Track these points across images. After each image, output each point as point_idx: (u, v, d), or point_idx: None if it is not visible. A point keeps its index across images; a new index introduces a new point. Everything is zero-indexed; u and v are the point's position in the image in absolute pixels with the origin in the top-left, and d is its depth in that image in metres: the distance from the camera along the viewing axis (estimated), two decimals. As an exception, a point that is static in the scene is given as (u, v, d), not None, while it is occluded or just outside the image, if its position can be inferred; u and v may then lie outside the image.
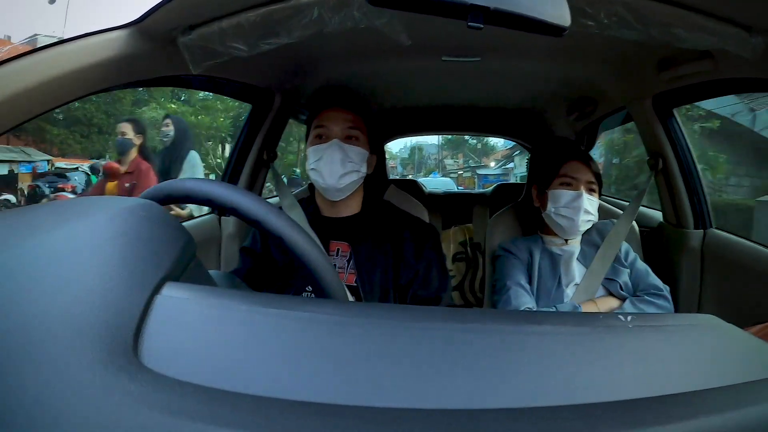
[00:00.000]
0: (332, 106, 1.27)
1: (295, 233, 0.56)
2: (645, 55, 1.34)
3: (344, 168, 1.21)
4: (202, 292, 0.39)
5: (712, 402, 0.33)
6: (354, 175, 1.24)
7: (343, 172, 1.21)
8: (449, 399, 0.32)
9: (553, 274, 1.40)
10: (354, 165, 1.23)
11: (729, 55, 0.85)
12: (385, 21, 0.82)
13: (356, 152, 1.23)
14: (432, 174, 25.30)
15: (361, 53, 1.43)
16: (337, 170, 1.20)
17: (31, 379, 0.28)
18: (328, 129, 1.24)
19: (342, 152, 1.21)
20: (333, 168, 1.20)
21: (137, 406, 0.28)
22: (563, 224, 1.36)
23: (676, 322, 0.44)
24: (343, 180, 1.21)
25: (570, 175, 1.37)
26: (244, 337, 0.36)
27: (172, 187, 0.58)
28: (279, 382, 0.32)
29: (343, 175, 1.21)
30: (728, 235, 1.59)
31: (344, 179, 1.22)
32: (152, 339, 0.33)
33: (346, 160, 1.21)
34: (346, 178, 1.22)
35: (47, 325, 0.30)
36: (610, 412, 0.32)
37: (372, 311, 0.43)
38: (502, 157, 25.56)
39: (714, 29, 0.82)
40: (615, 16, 0.80)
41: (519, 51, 1.38)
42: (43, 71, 0.75)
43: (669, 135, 1.60)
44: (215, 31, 0.88)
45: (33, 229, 0.37)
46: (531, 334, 0.40)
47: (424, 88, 1.99)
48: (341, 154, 1.21)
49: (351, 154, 1.22)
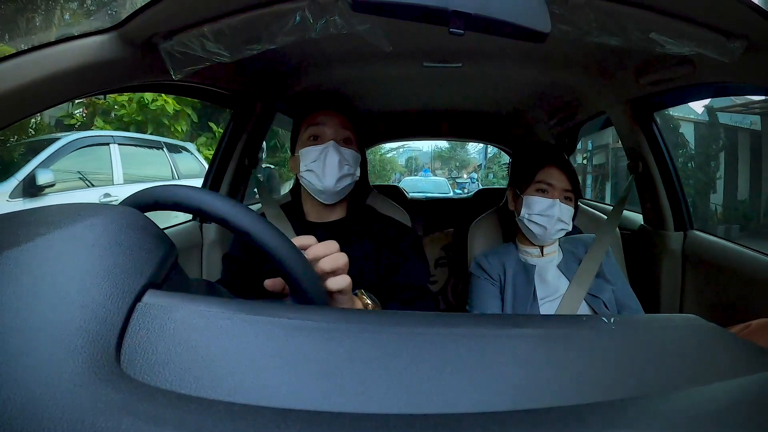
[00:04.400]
0: (326, 108, 1.25)
1: (263, 228, 0.55)
2: (624, 61, 1.36)
3: (341, 170, 1.19)
4: (183, 299, 0.39)
5: (696, 400, 0.34)
6: (349, 179, 1.22)
7: (341, 175, 1.19)
8: (434, 404, 0.32)
9: (528, 287, 1.37)
10: (350, 168, 1.21)
11: (708, 59, 0.86)
12: (367, 27, 0.83)
13: (352, 155, 1.22)
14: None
15: (342, 59, 1.43)
16: (335, 172, 1.18)
17: (13, 389, 0.27)
18: (322, 130, 1.22)
19: (339, 154, 1.19)
20: (331, 170, 1.18)
21: (119, 416, 0.27)
22: (535, 231, 1.35)
23: (659, 323, 0.45)
24: (340, 183, 1.20)
25: (546, 181, 1.34)
26: (227, 344, 0.35)
27: (146, 195, 0.57)
28: (262, 390, 0.32)
29: (340, 177, 1.19)
30: (708, 237, 1.61)
31: (341, 182, 1.20)
32: (134, 347, 0.33)
33: (344, 162, 1.20)
34: (343, 180, 1.21)
35: (28, 334, 0.30)
36: (595, 413, 0.32)
37: (355, 317, 0.42)
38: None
39: (693, 35, 0.83)
40: (594, 22, 0.81)
41: (500, 57, 1.39)
42: (19, 76, 0.74)
43: (648, 138, 1.62)
44: (196, 37, 0.87)
45: (11, 239, 0.36)
46: (515, 337, 0.40)
47: (405, 94, 1.99)
48: (339, 156, 1.19)
49: (347, 157, 1.21)
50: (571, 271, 1.39)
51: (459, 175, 28.38)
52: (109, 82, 0.90)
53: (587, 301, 1.34)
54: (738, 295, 1.40)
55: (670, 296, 1.67)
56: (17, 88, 0.74)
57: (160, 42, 0.88)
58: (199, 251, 1.72)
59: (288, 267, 0.56)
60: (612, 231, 1.48)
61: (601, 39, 0.84)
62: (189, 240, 1.68)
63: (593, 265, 1.38)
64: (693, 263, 1.63)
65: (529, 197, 1.35)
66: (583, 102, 1.84)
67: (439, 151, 32.47)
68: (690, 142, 9.88)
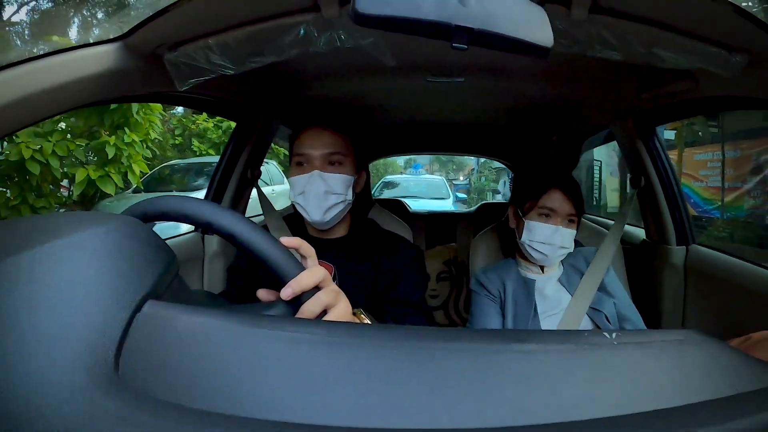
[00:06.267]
0: (312, 125, 1.21)
1: (242, 225, 0.56)
2: (626, 75, 1.36)
3: (328, 201, 1.16)
4: (183, 310, 0.38)
5: (697, 416, 0.34)
6: (340, 206, 1.19)
7: (328, 206, 1.16)
8: (435, 419, 0.32)
9: (528, 303, 1.35)
10: (338, 196, 1.18)
11: (709, 74, 0.86)
12: (370, 41, 0.83)
13: (339, 180, 1.17)
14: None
15: (346, 73, 1.44)
16: (321, 205, 1.15)
17: (12, 397, 0.27)
18: (307, 156, 1.18)
19: (324, 184, 1.15)
20: (317, 203, 1.15)
21: (117, 425, 0.27)
22: (536, 257, 1.34)
23: (661, 338, 0.45)
24: (328, 213, 1.17)
25: (549, 206, 1.32)
26: (226, 356, 0.35)
27: (152, 205, 0.57)
28: (261, 403, 0.32)
29: (328, 208, 1.16)
30: (710, 251, 1.61)
31: (330, 212, 1.17)
32: (133, 358, 0.33)
33: (330, 192, 1.16)
34: (332, 210, 1.17)
35: (27, 343, 0.30)
36: (596, 429, 0.32)
37: (357, 331, 0.42)
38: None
39: (694, 49, 0.83)
40: (596, 37, 0.81)
41: (502, 71, 1.40)
42: (24, 85, 0.74)
43: (650, 153, 1.63)
44: (201, 49, 0.87)
45: (12, 246, 0.36)
46: (517, 352, 0.40)
47: (408, 108, 2.00)
48: (324, 187, 1.15)
49: (333, 185, 1.16)
50: (572, 284, 1.38)
51: (456, 177, 28.90)
52: (114, 92, 0.91)
53: (589, 315, 1.33)
54: (740, 309, 1.40)
55: (673, 310, 1.66)
56: (22, 96, 0.74)
57: (165, 53, 0.89)
58: (200, 262, 1.72)
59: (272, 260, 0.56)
60: (614, 245, 1.47)
61: (603, 54, 0.84)
62: (191, 251, 1.68)
63: (595, 279, 1.37)
64: (695, 277, 1.62)
65: (531, 222, 1.34)
66: (586, 116, 1.85)
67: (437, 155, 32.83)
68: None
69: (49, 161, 4.15)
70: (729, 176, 6.38)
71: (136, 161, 4.89)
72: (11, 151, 4.04)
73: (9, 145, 4.08)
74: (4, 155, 4.15)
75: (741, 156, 6.12)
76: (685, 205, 1.70)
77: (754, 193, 5.91)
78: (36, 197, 4.41)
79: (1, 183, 4.35)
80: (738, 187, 6.26)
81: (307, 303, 0.58)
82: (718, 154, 6.50)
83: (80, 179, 4.47)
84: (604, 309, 1.33)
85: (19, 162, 4.05)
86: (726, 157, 6.38)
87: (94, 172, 4.55)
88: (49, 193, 4.57)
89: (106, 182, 4.62)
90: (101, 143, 4.57)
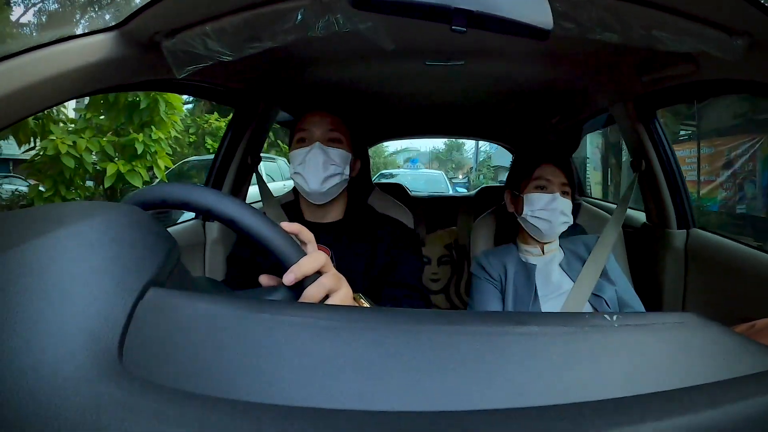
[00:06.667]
0: (313, 110, 1.26)
1: (243, 210, 0.56)
2: (626, 58, 1.35)
3: (326, 171, 1.20)
4: (186, 297, 0.39)
5: (697, 399, 0.34)
6: (337, 178, 1.23)
7: (326, 175, 1.20)
8: (437, 401, 0.33)
9: (529, 287, 1.37)
10: (337, 167, 1.22)
11: (710, 57, 0.86)
12: (369, 25, 0.82)
13: (338, 154, 1.22)
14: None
15: (345, 58, 1.43)
16: (320, 173, 1.19)
17: (16, 386, 0.28)
18: (309, 132, 1.23)
19: (324, 155, 1.20)
20: (316, 171, 1.19)
21: (123, 413, 0.28)
22: (541, 227, 1.35)
23: (661, 321, 0.45)
24: (326, 183, 1.20)
25: (544, 177, 1.36)
26: (229, 342, 0.35)
27: (153, 192, 0.57)
28: (265, 387, 0.32)
29: (326, 178, 1.20)
30: (711, 235, 1.61)
31: (327, 182, 1.21)
32: (137, 345, 0.33)
33: (329, 162, 1.20)
34: (330, 181, 1.21)
35: (31, 332, 0.30)
36: (597, 410, 0.32)
37: (360, 315, 0.42)
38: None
39: (695, 32, 0.83)
40: (597, 19, 0.81)
41: (502, 54, 1.39)
42: (22, 75, 0.74)
43: (651, 136, 1.62)
44: (198, 36, 0.87)
45: (14, 236, 0.36)
46: (518, 334, 0.40)
47: (408, 92, 1.99)
48: (323, 157, 1.20)
49: (333, 156, 1.21)
50: (573, 269, 1.39)
51: (455, 175, 28.88)
52: (112, 81, 0.90)
53: (590, 301, 1.34)
54: (741, 293, 1.40)
55: (673, 294, 1.67)
56: (19, 88, 0.74)
57: (162, 40, 0.88)
58: (201, 249, 1.72)
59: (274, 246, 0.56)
60: (616, 230, 1.48)
61: (604, 36, 0.84)
62: (192, 238, 1.68)
63: (597, 265, 1.38)
64: (696, 261, 1.62)
65: (529, 195, 1.36)
66: (586, 99, 1.84)
67: (437, 152, 33.41)
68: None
69: (83, 156, 4.58)
70: (704, 171, 6.87)
71: (161, 157, 5.24)
72: (48, 146, 4.42)
73: (44, 141, 4.44)
74: (40, 151, 4.55)
75: (714, 152, 6.64)
76: (686, 188, 1.69)
77: (726, 185, 6.50)
78: (67, 189, 4.74)
79: (35, 176, 4.77)
80: (712, 180, 6.75)
81: (309, 288, 0.58)
82: (695, 151, 6.91)
83: (110, 173, 4.82)
84: (604, 294, 1.34)
85: (55, 156, 4.43)
86: (702, 153, 6.85)
87: (123, 166, 4.90)
88: (78, 186, 4.93)
89: (134, 176, 4.97)
90: (130, 140, 4.93)
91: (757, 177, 6.06)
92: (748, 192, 6.19)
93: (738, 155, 6.26)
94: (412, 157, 22.32)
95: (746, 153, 6.15)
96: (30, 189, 4.94)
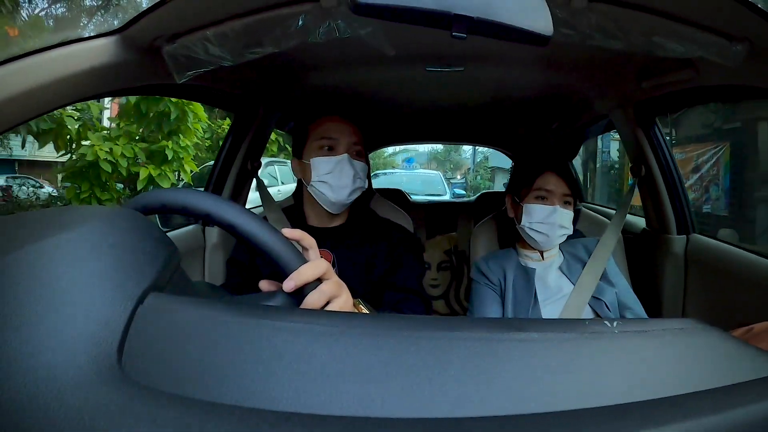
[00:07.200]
0: (335, 114, 1.27)
1: (243, 216, 0.56)
2: (626, 64, 1.36)
3: (354, 184, 1.22)
4: (186, 302, 0.39)
5: (698, 405, 0.34)
6: (359, 191, 1.25)
7: (354, 188, 1.22)
8: (437, 408, 0.32)
9: (528, 291, 1.37)
10: (361, 181, 1.24)
11: (710, 63, 0.86)
12: (369, 31, 0.83)
13: (363, 168, 1.24)
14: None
15: (345, 63, 1.43)
16: (348, 187, 1.21)
17: (16, 390, 0.28)
18: (336, 141, 1.23)
19: (353, 168, 1.21)
20: (345, 184, 1.20)
21: (122, 418, 0.28)
22: (538, 239, 1.35)
23: (661, 327, 0.45)
24: (352, 196, 1.23)
25: (545, 188, 1.35)
26: (229, 347, 0.35)
27: (153, 197, 0.57)
28: (264, 393, 0.32)
29: (353, 191, 1.22)
30: (711, 240, 1.61)
31: (353, 195, 1.23)
32: (136, 350, 0.33)
33: (356, 176, 1.22)
34: (355, 193, 1.23)
35: (30, 336, 0.30)
36: (597, 417, 0.32)
37: (360, 321, 0.42)
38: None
39: (695, 38, 0.83)
40: (596, 25, 0.81)
41: (502, 60, 1.39)
42: (23, 79, 0.74)
43: (651, 142, 1.62)
44: (199, 41, 0.87)
45: (13, 241, 0.36)
46: (518, 341, 0.40)
47: (408, 98, 1.99)
48: (353, 171, 1.21)
49: (359, 170, 1.23)
50: (573, 273, 1.39)
51: (453, 176, 29.28)
52: (112, 85, 0.90)
53: (590, 304, 1.34)
54: (741, 298, 1.40)
55: (673, 300, 1.66)
56: (20, 91, 0.74)
57: (163, 45, 0.89)
58: (201, 254, 1.72)
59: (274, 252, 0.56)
60: (616, 234, 1.48)
61: (603, 42, 0.84)
62: (192, 243, 1.68)
63: (597, 269, 1.38)
64: (696, 267, 1.62)
65: (528, 205, 1.36)
66: (586, 105, 1.84)
67: (435, 153, 33.83)
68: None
69: (118, 161, 5.21)
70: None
71: (187, 161, 5.87)
72: (87, 152, 5.08)
73: (83, 147, 5.12)
74: (78, 156, 5.16)
75: (685, 158, 7.12)
76: (686, 194, 1.69)
77: (694, 187, 7.02)
78: (102, 191, 5.39)
79: (73, 180, 5.36)
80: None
81: (311, 295, 0.58)
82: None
83: (143, 177, 5.44)
84: (604, 298, 1.34)
85: (94, 162, 5.10)
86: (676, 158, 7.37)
87: (154, 170, 5.53)
88: (112, 188, 5.55)
89: (163, 179, 5.63)
90: (161, 147, 5.54)
91: (720, 180, 6.68)
92: (713, 193, 6.79)
93: (704, 161, 6.89)
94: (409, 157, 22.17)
95: (711, 159, 6.78)
96: (67, 191, 5.52)
